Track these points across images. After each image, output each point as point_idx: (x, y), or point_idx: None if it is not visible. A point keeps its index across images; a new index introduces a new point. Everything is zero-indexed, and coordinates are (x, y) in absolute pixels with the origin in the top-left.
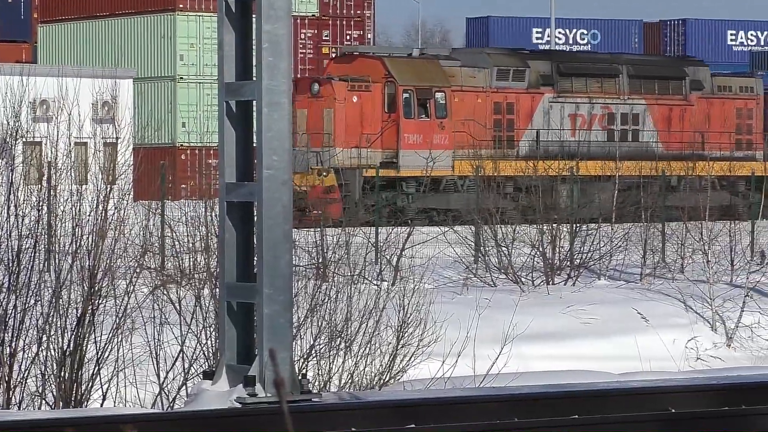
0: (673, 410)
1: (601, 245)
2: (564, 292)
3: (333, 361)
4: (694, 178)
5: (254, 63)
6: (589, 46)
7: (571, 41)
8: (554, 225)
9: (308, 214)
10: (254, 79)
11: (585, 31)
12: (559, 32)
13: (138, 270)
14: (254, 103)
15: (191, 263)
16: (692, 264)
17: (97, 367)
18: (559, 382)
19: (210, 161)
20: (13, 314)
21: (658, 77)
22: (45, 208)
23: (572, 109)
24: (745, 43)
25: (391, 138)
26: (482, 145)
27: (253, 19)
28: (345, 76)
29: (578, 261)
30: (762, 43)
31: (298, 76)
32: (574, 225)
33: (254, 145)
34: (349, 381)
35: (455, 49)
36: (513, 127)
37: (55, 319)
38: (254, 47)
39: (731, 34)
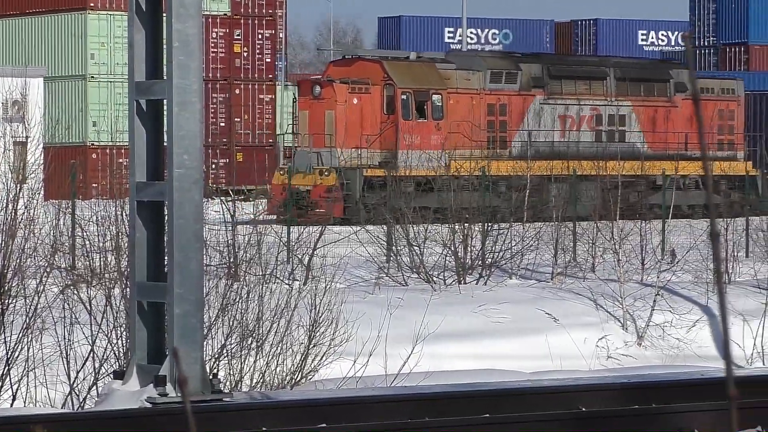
0: (584, 409)
1: (513, 244)
2: (476, 292)
3: (244, 361)
4: (677, 177)
5: (165, 62)
6: (501, 46)
7: (482, 41)
8: (466, 224)
9: (309, 212)
10: (165, 78)
11: (497, 31)
12: (471, 32)
13: (48, 270)
14: (165, 102)
15: (102, 263)
16: (603, 263)
17: (6, 367)
18: (471, 381)
19: (121, 160)
20: None
21: (644, 79)
22: None
23: (562, 110)
24: (656, 43)
25: (389, 139)
26: (476, 146)
27: (164, 18)
28: (345, 78)
29: (490, 260)
30: (672, 43)
31: (210, 75)
32: (486, 224)
33: (165, 144)
34: (261, 380)
35: (450, 52)
36: (506, 128)
37: None
38: (165, 46)
39: (642, 34)
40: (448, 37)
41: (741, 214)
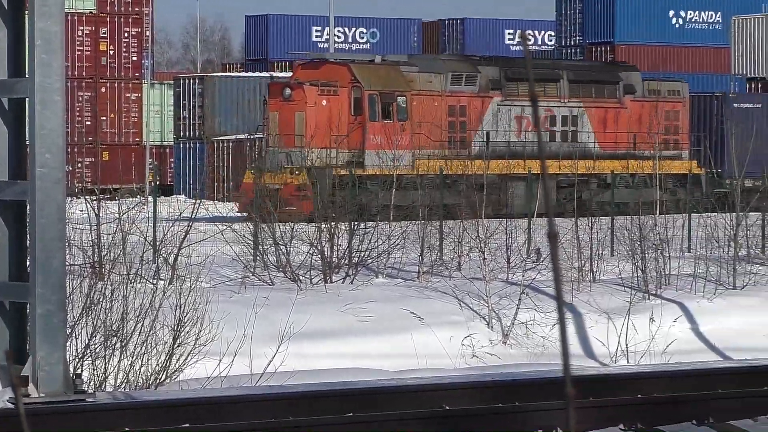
0: (448, 407)
1: (379, 243)
2: (342, 291)
3: (109, 361)
4: (626, 175)
5: (27, 60)
6: (369, 45)
7: (350, 40)
8: (332, 223)
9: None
10: (27, 76)
11: (364, 30)
12: (339, 31)
13: None
14: (27, 100)
15: None
16: (469, 262)
17: None
18: (336, 380)
19: None
20: None
21: (595, 81)
22: None
23: (518, 111)
24: (539, 43)
25: (357, 139)
26: (438, 146)
27: (26, 16)
28: (315, 81)
29: (356, 259)
30: (539, 43)
31: (75, 73)
32: (352, 223)
33: (27, 143)
34: (125, 380)
35: (412, 56)
36: (466, 129)
37: None
38: (27, 44)
39: (509, 34)
40: (316, 36)
41: (690, 210)
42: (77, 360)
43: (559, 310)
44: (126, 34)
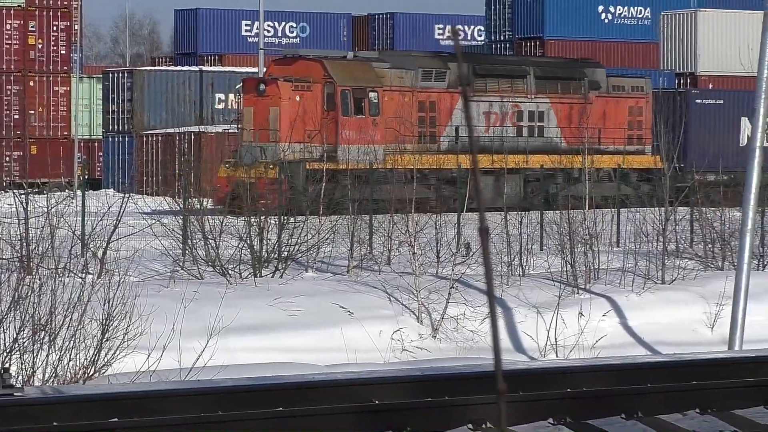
0: (377, 402)
1: (309, 237)
2: (271, 285)
3: (37, 355)
4: (591, 170)
5: None
6: (298, 39)
7: (280, 34)
8: (262, 217)
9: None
10: None
11: (294, 24)
12: (269, 25)
13: None
14: None
15: None
16: (399, 256)
17: None
18: (265, 374)
19: None
20: None
21: (561, 78)
22: None
23: (486, 107)
24: (469, 38)
25: (330, 134)
26: (409, 141)
27: None
28: (288, 76)
29: (286, 253)
30: (469, 38)
31: (3, 67)
32: (282, 217)
33: None
34: (54, 375)
35: (383, 52)
36: (435, 124)
37: None
38: None
39: (439, 29)
40: (245, 30)
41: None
42: (5, 354)
43: (491, 304)
44: (55, 28)
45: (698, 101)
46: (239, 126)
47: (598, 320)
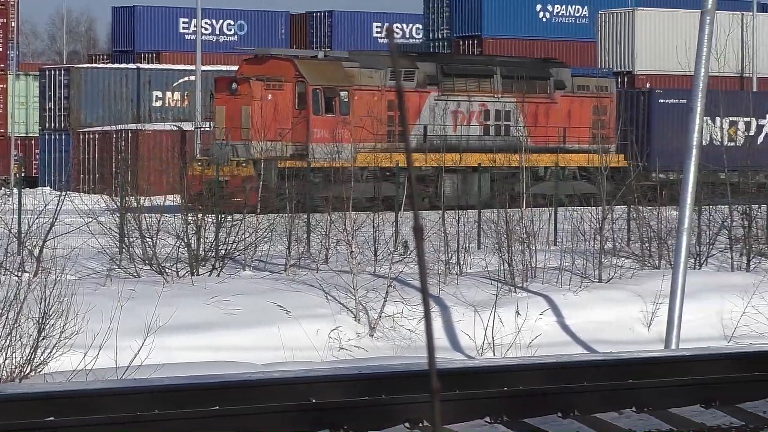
0: (314, 400)
1: (246, 236)
2: (208, 283)
3: None
4: (557, 169)
5: None
6: (236, 37)
7: (217, 32)
8: (199, 216)
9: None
10: None
11: (232, 22)
12: (206, 23)
13: None
14: None
15: None
16: (337, 254)
17: None
18: (202, 373)
19: None
20: None
21: (527, 77)
22: None
23: (454, 106)
24: (407, 36)
25: (301, 132)
26: (378, 139)
27: None
28: (261, 76)
29: (223, 252)
30: (407, 36)
31: None
32: (219, 215)
33: None
34: None
35: (353, 52)
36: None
37: None
38: None
39: (377, 27)
40: (183, 28)
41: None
42: None
43: (425, 304)
44: None
45: (662, 101)
46: (212, 125)
47: (535, 319)
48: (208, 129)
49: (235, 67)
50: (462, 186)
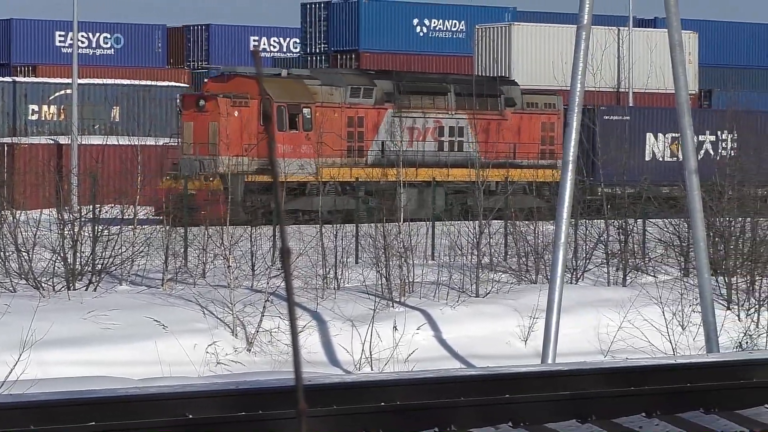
0: (191, 416)
1: (123, 250)
2: (85, 298)
3: None
4: (506, 183)
5: None
6: (113, 50)
7: (94, 45)
8: (76, 230)
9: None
10: None
11: (108, 35)
12: (83, 36)
13: None
14: None
15: None
16: (214, 269)
17: None
18: (79, 388)
19: None
20: None
21: (479, 95)
22: None
23: (410, 122)
24: (268, 50)
25: (266, 148)
26: (338, 155)
27: None
28: (228, 93)
29: (100, 266)
30: (284, 50)
31: None
32: (96, 228)
33: None
34: None
35: (314, 70)
36: (363, 138)
37: None
38: None
39: (254, 40)
40: (59, 41)
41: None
42: None
43: (292, 326)
44: None
45: (606, 117)
46: (179, 140)
47: (413, 333)
48: (175, 144)
49: (111, 81)
50: (417, 200)
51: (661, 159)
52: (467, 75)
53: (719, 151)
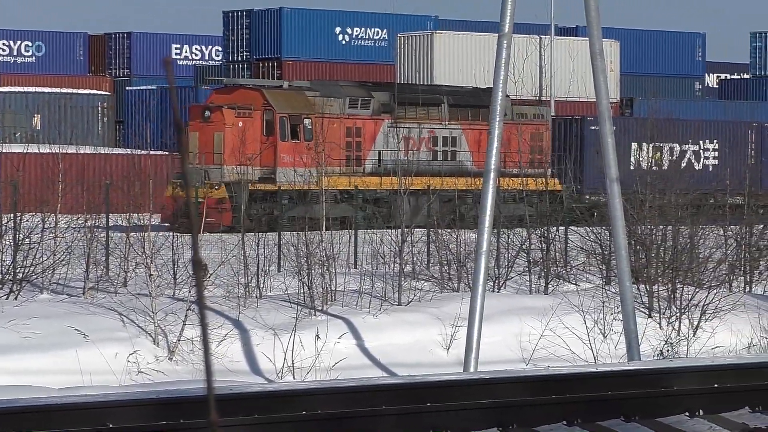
0: (111, 425)
1: (44, 259)
2: (5, 306)
3: None
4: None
5: None
6: (34, 58)
7: (15, 53)
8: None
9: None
10: None
11: (30, 43)
12: (4, 44)
13: None
14: None
15: None
16: (136, 278)
17: None
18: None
19: None
20: None
21: (471, 106)
22: None
23: (406, 132)
24: (190, 57)
25: (268, 157)
26: (337, 164)
27: None
28: (232, 104)
29: (21, 275)
30: (206, 58)
31: None
32: (17, 236)
33: None
34: None
35: (314, 82)
36: (361, 148)
37: None
38: None
39: (176, 48)
40: None
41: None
42: None
43: (204, 337)
44: None
45: (592, 127)
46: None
47: (335, 342)
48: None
49: (32, 89)
50: (414, 206)
51: (645, 167)
52: (461, 87)
53: (639, 159)
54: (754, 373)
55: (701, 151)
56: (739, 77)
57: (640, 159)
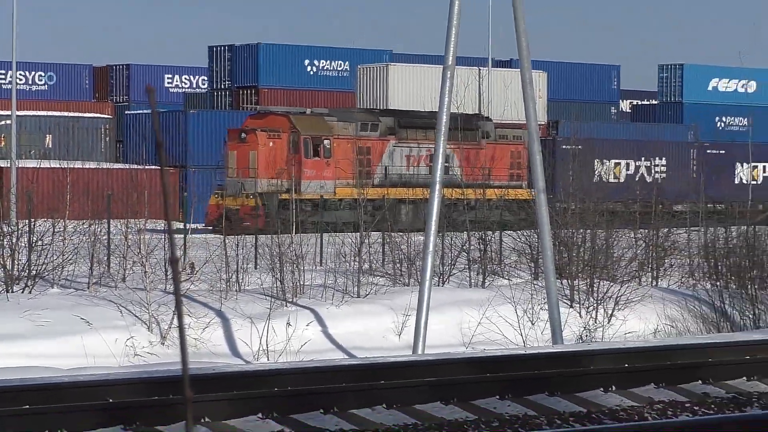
0: (111, 400)
1: (54, 258)
2: (22, 299)
3: None
4: (483, 199)
5: None
6: (46, 86)
7: (30, 82)
8: (14, 240)
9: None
10: None
11: (42, 73)
12: (20, 74)
13: None
14: None
15: None
16: (133, 274)
17: None
18: (15, 377)
19: None
20: None
21: (462, 128)
22: None
23: (408, 151)
24: (180, 86)
25: (295, 172)
26: (351, 177)
27: None
28: (264, 127)
29: (34, 272)
30: (194, 86)
31: None
32: (32, 238)
33: None
34: None
35: (332, 110)
36: (370, 165)
37: None
38: None
39: (168, 78)
40: (0, 78)
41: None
42: None
43: (180, 325)
44: None
45: (564, 147)
46: (226, 166)
47: (303, 329)
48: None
49: (45, 113)
50: (414, 213)
51: (606, 180)
52: (453, 113)
53: (602, 173)
54: (659, 355)
55: (653, 166)
56: (648, 103)
57: (602, 173)
